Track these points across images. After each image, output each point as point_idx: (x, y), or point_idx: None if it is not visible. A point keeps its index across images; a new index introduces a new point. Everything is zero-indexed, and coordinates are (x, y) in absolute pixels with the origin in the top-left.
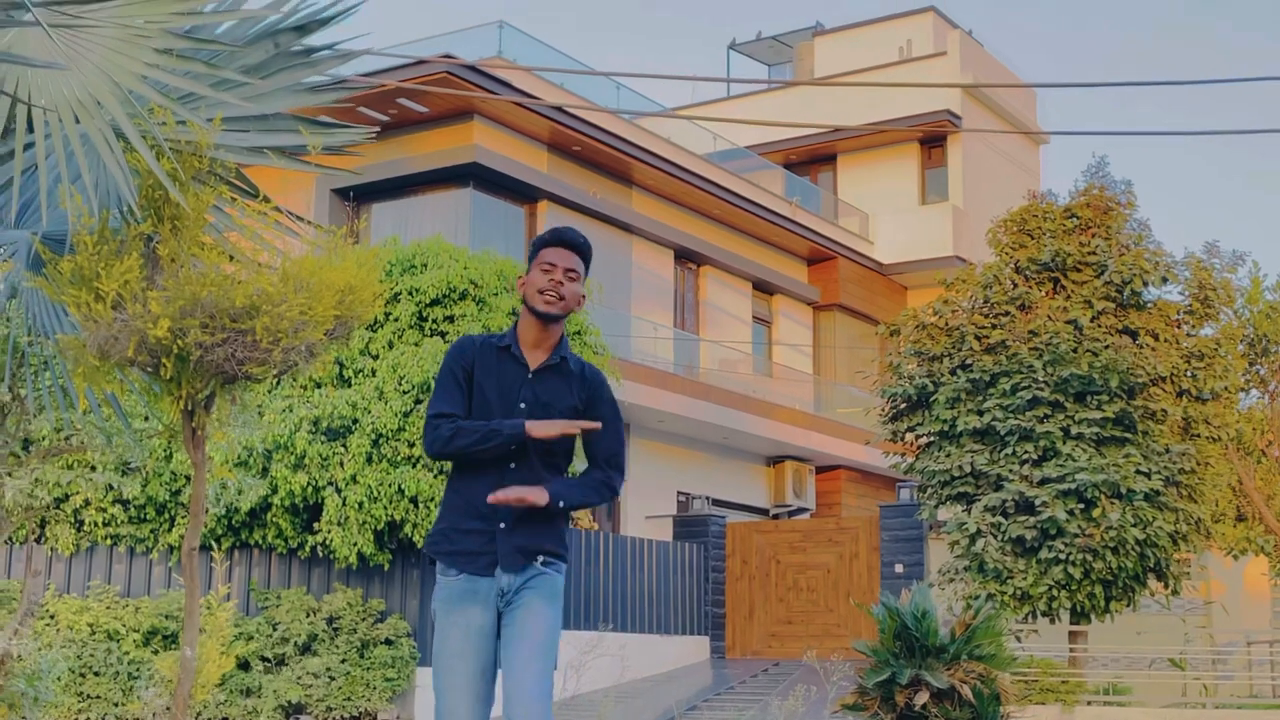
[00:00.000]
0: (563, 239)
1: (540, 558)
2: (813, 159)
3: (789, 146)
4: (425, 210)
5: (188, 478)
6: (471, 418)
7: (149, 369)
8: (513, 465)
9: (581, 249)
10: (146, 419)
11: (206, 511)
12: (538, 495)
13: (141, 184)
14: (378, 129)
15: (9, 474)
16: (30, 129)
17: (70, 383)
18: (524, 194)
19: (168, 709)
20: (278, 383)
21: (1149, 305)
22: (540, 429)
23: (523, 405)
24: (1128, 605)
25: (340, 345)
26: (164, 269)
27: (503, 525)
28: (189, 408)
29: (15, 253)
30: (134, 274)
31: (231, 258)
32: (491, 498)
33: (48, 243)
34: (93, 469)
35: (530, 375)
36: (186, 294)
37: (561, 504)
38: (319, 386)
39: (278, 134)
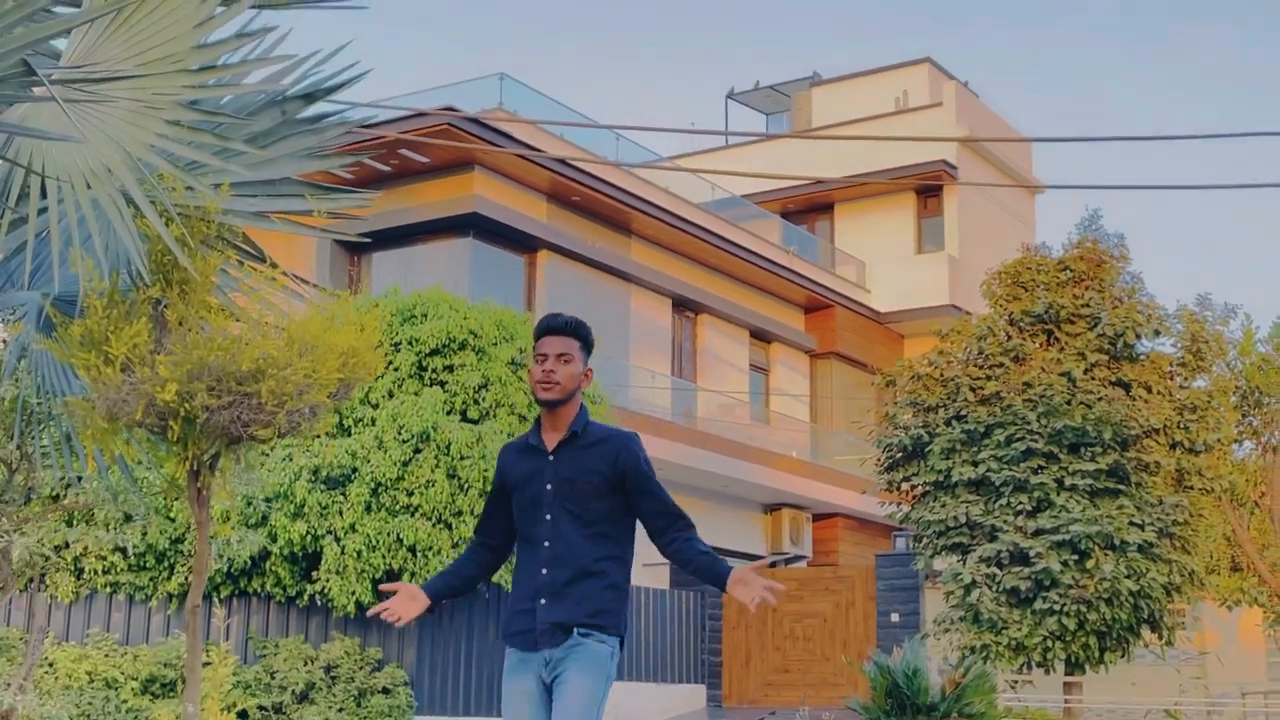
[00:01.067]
0: (549, 327)
1: (577, 630)
2: (810, 208)
3: (786, 195)
4: (426, 259)
5: (189, 526)
6: (519, 521)
7: (156, 430)
8: (547, 544)
9: (568, 329)
10: (147, 469)
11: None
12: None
13: (150, 249)
14: (379, 192)
15: (18, 531)
16: (44, 195)
17: (78, 442)
18: (524, 243)
19: None
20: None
21: (1142, 357)
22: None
23: (549, 487)
24: (1122, 656)
25: (342, 404)
26: (172, 332)
27: (542, 601)
28: (194, 468)
29: (26, 314)
30: (142, 337)
31: (237, 318)
32: (752, 604)
33: (59, 304)
34: (91, 521)
35: (550, 457)
36: (194, 358)
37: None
38: (318, 436)
39: (284, 199)
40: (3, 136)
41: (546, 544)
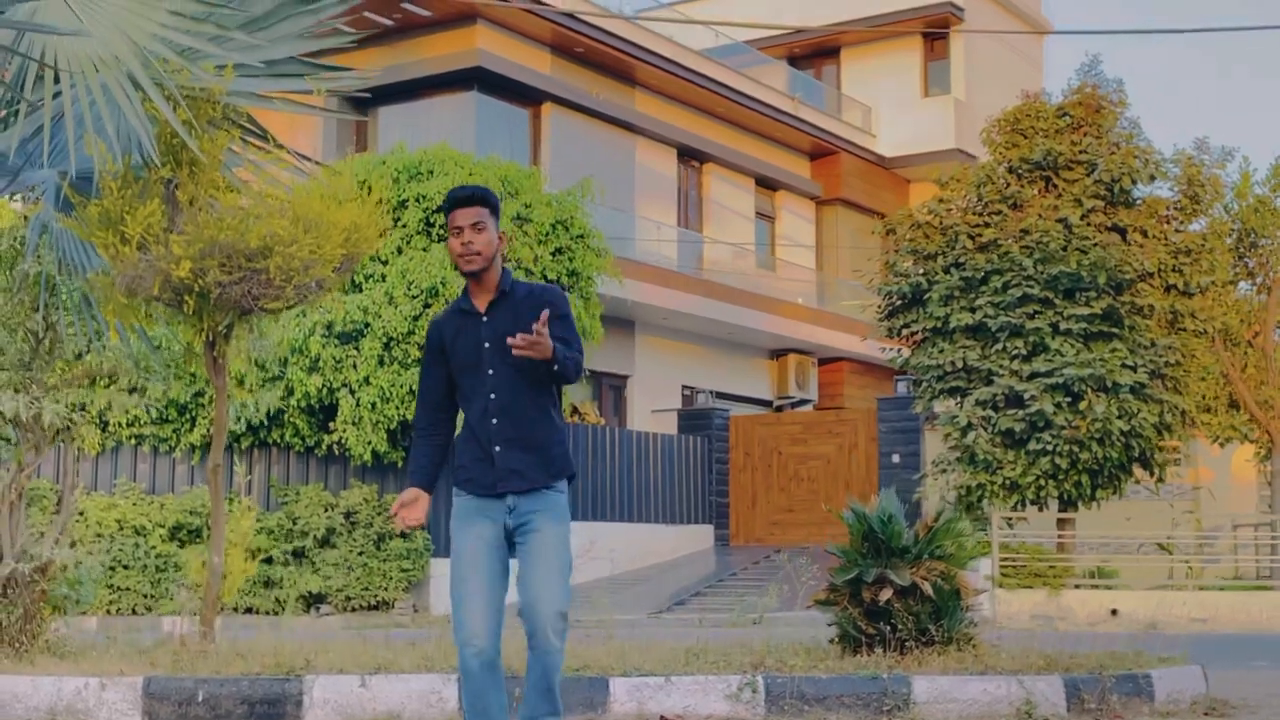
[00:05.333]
0: (456, 199)
1: (538, 478)
2: (815, 53)
3: (791, 41)
4: (431, 114)
5: (207, 380)
6: (459, 381)
7: (172, 304)
8: (493, 396)
9: (475, 199)
10: (164, 329)
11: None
12: (547, 347)
13: (160, 132)
14: (378, 71)
15: (49, 396)
16: (57, 81)
17: (99, 312)
18: (528, 96)
19: (195, 614)
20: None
21: (1138, 203)
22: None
23: (486, 345)
24: (1114, 493)
25: (346, 276)
26: (183, 211)
27: (497, 449)
28: (210, 339)
29: (45, 192)
30: (156, 217)
31: (244, 195)
32: (511, 341)
33: (76, 184)
34: (114, 384)
35: (484, 317)
36: (205, 236)
37: (556, 366)
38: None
39: (286, 79)
40: (13, 32)
41: (493, 395)
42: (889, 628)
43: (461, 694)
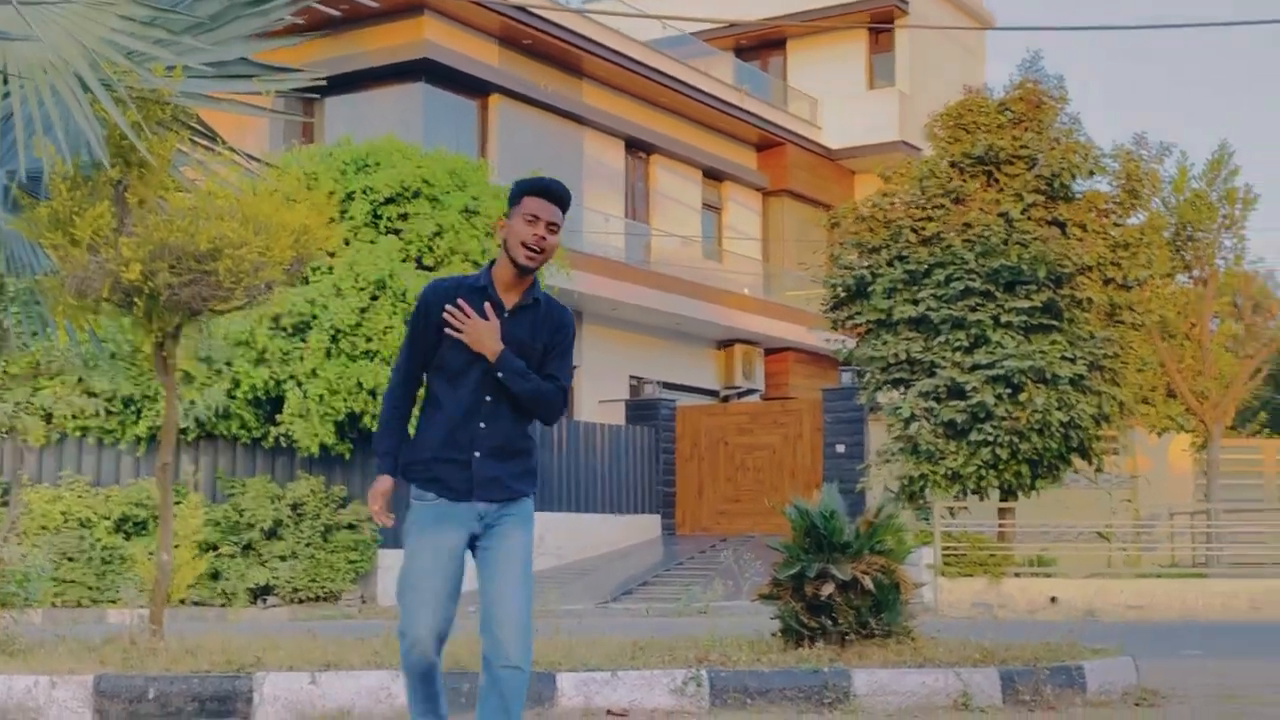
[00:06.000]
0: (550, 191)
1: (515, 488)
2: (762, 44)
3: (738, 33)
4: (378, 105)
5: (153, 372)
6: (448, 360)
7: (122, 306)
8: (488, 399)
9: (564, 200)
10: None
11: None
12: (492, 341)
13: (109, 134)
14: (326, 76)
15: None
16: (5, 83)
17: (49, 314)
18: (476, 88)
19: (145, 607)
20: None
21: (1078, 197)
22: None
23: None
24: (1053, 483)
25: (296, 278)
26: (133, 212)
27: (477, 455)
28: (159, 339)
29: None
30: (105, 219)
31: (183, 189)
32: (448, 310)
33: (25, 185)
34: (62, 382)
35: (506, 315)
36: (155, 239)
37: (500, 374)
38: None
39: (235, 80)
40: None
41: (488, 399)
42: (830, 621)
43: (406, 686)
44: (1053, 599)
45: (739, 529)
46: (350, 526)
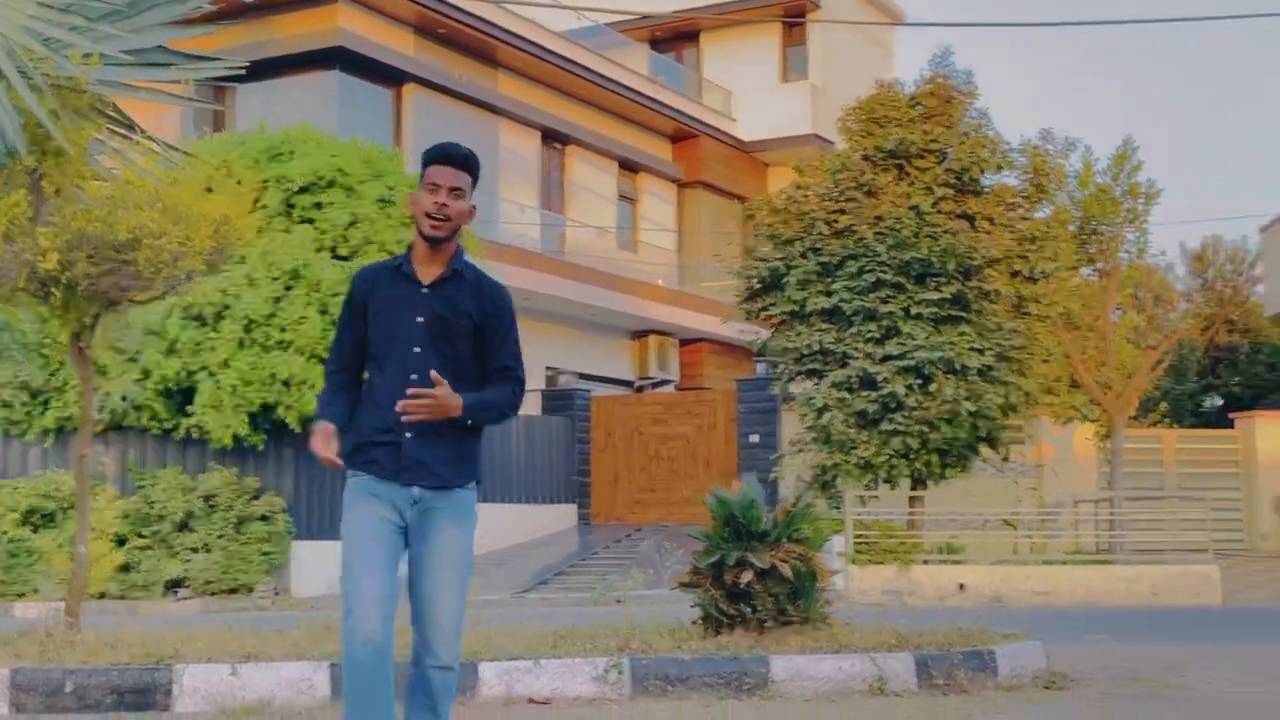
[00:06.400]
0: (446, 155)
1: (448, 476)
2: (676, 36)
3: (653, 24)
4: (291, 93)
5: (61, 363)
6: (374, 345)
7: (39, 296)
8: (414, 377)
9: (465, 162)
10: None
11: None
12: (449, 406)
13: (25, 122)
14: (246, 65)
15: None
16: None
17: None
18: (390, 77)
19: (56, 600)
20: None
21: (986, 191)
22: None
23: (420, 319)
24: (962, 471)
25: (217, 269)
26: (49, 201)
27: (408, 435)
28: (76, 330)
29: None
30: (21, 208)
31: (100, 178)
32: (400, 406)
33: None
34: None
35: (425, 290)
36: (73, 228)
37: (470, 421)
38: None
39: (153, 68)
40: None
41: (414, 377)
42: (749, 609)
43: (344, 687)
44: (961, 586)
45: (654, 518)
46: (263, 518)
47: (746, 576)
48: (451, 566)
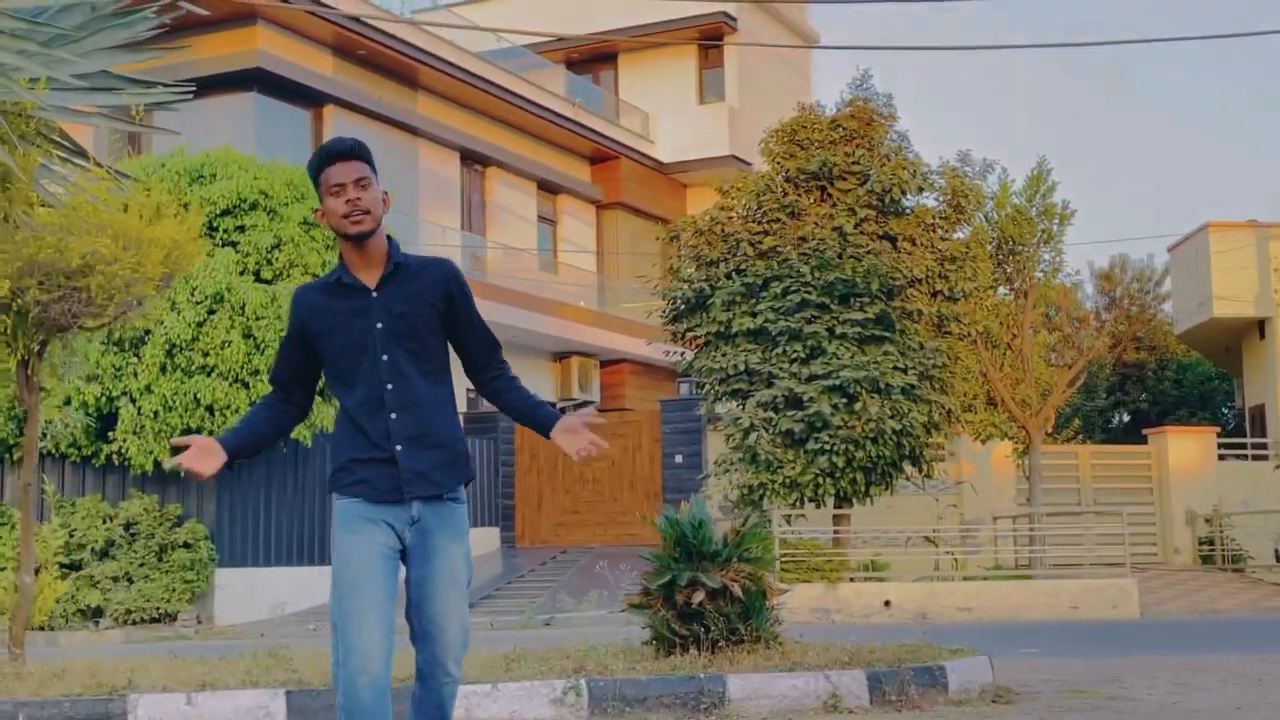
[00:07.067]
0: (335, 152)
1: (446, 482)
2: (594, 58)
3: (570, 46)
4: (209, 115)
5: None
6: (335, 367)
7: None
8: (390, 386)
9: (356, 152)
10: None
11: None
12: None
13: None
14: (193, 89)
15: None
16: None
17: None
18: (310, 98)
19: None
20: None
21: (908, 212)
22: None
23: (379, 325)
24: (886, 490)
25: (164, 294)
26: None
27: (399, 448)
28: (24, 357)
29: None
30: None
31: (46, 204)
32: (579, 457)
33: None
34: None
35: (374, 294)
36: (24, 255)
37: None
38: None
39: (101, 93)
40: None
41: (390, 386)
42: (702, 629)
43: None
44: (886, 603)
45: (578, 540)
46: (186, 545)
47: (698, 596)
48: (456, 584)
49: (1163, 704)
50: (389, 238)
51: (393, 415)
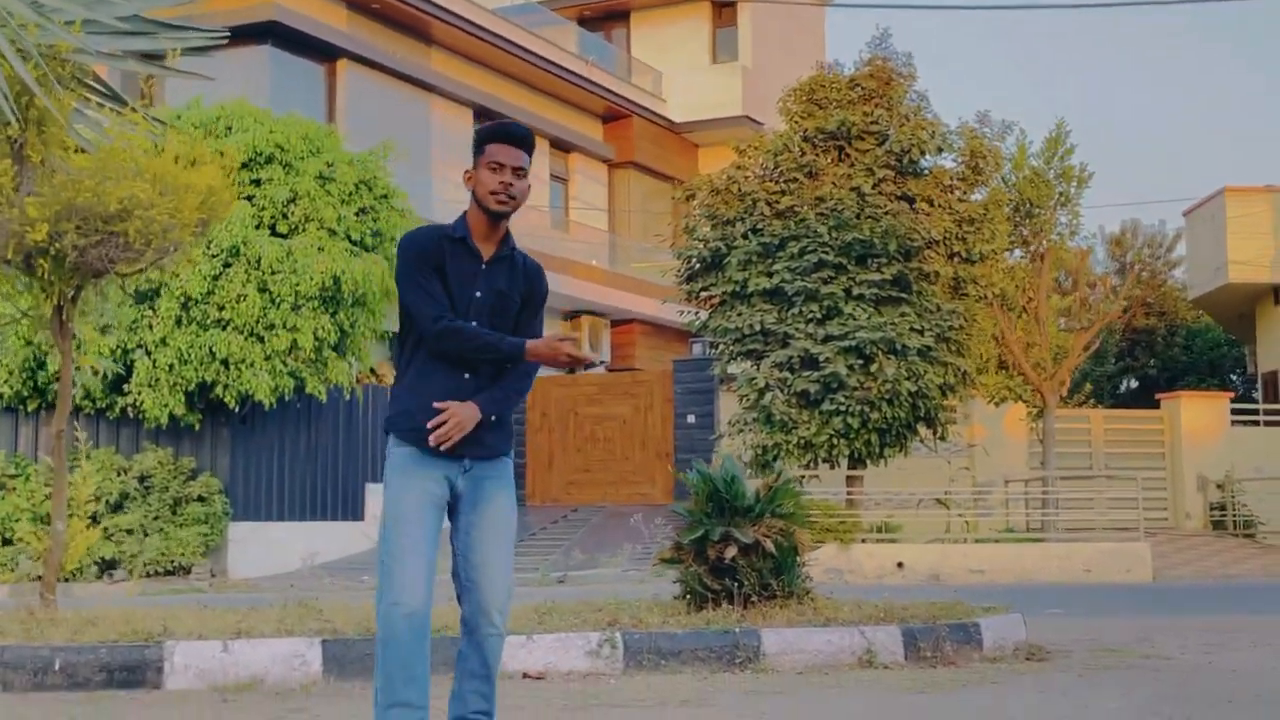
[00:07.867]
0: (509, 134)
1: (499, 445)
2: (606, 15)
3: (583, 3)
4: (223, 67)
5: None
6: None
7: (22, 268)
8: (466, 375)
9: (527, 142)
10: None
11: (12, 374)
12: (470, 418)
13: (10, 90)
14: (227, 34)
15: None
16: None
17: None
18: (324, 52)
19: (39, 577)
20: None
21: (925, 172)
22: (536, 350)
23: (478, 294)
24: (900, 451)
25: (201, 240)
26: (34, 171)
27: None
28: (59, 302)
29: None
30: (6, 177)
31: (81, 149)
32: (434, 440)
33: None
34: None
35: (484, 266)
36: (62, 199)
37: (494, 419)
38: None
39: (138, 37)
40: None
41: (466, 376)
42: (735, 584)
43: (382, 662)
44: (899, 564)
45: (589, 499)
46: (200, 499)
47: (731, 551)
48: (504, 533)
49: (1197, 663)
50: (508, 230)
51: (467, 375)
